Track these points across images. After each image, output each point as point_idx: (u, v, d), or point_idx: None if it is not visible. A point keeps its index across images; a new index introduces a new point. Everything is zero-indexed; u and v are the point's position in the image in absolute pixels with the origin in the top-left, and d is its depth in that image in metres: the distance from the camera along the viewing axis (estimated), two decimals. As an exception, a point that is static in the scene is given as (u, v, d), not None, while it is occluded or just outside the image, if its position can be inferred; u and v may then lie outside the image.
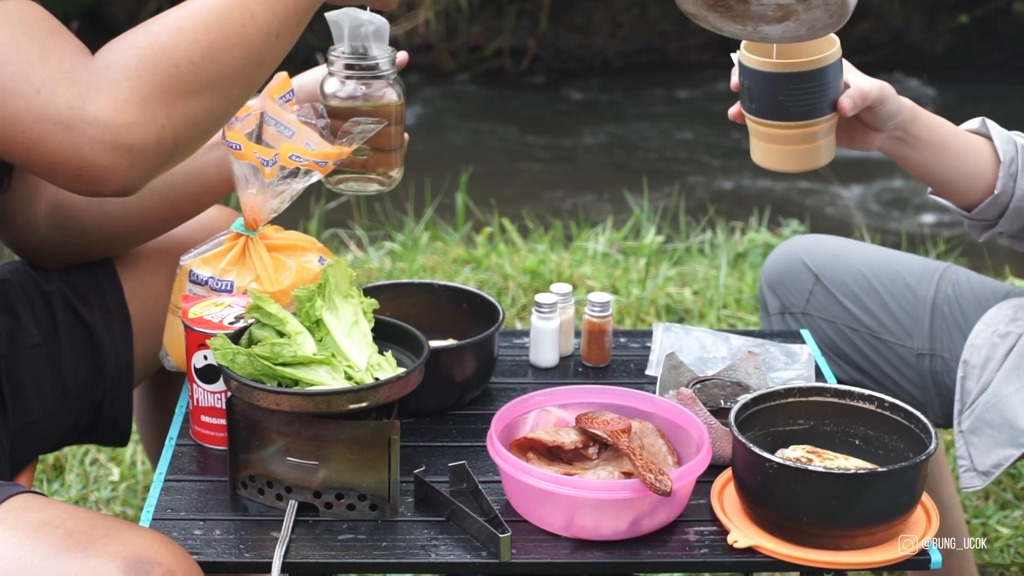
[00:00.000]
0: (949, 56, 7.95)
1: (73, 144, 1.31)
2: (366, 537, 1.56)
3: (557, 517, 1.55)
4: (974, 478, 1.93)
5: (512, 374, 1.98)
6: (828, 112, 1.71)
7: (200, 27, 1.37)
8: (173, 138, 1.36)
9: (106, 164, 1.32)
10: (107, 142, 1.31)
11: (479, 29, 7.76)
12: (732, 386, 1.80)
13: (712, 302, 3.60)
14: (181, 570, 1.37)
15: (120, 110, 1.32)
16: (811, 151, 1.73)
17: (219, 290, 1.78)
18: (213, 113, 1.40)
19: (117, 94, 1.32)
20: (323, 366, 1.58)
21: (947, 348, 2.11)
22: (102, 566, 1.34)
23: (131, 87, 1.32)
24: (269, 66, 1.45)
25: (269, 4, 1.42)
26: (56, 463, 2.89)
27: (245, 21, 1.40)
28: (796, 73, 1.67)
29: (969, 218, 1.95)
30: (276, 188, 1.77)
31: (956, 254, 4.18)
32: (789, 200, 5.75)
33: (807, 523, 1.50)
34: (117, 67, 1.33)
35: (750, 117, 1.74)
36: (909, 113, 1.82)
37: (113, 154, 1.32)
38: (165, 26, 1.37)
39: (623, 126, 7.08)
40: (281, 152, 1.73)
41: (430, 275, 3.76)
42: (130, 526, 1.41)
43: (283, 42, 1.44)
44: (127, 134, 1.32)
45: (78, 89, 1.31)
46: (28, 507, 1.42)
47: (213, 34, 1.38)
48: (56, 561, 1.35)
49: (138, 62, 1.34)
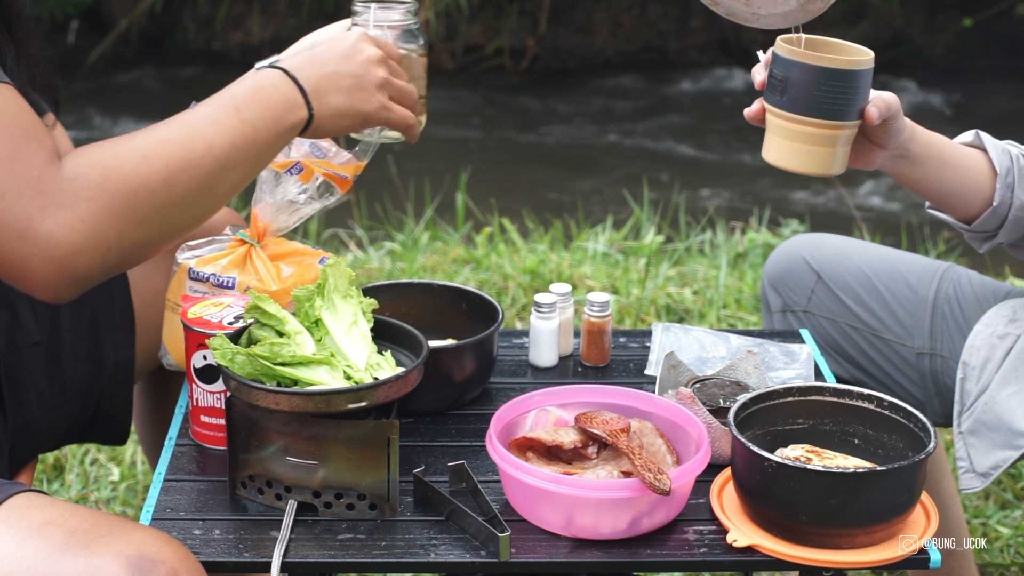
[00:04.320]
0: (949, 57, 7.96)
1: (22, 253, 1.36)
2: (365, 537, 1.56)
3: (556, 516, 1.55)
4: (973, 479, 1.94)
5: (511, 374, 1.98)
6: (855, 118, 1.72)
7: (163, 156, 1.43)
8: (116, 260, 1.41)
9: (47, 278, 1.38)
10: (55, 259, 1.37)
11: (479, 29, 7.76)
12: (731, 385, 1.80)
13: (712, 302, 3.59)
14: (184, 568, 1.37)
15: (75, 229, 1.36)
16: (829, 155, 1.74)
17: (221, 286, 1.78)
18: (160, 237, 1.45)
19: (75, 212, 1.37)
20: (322, 366, 1.58)
21: (947, 348, 2.11)
22: (106, 565, 1.34)
23: (89, 207, 1.37)
24: (221, 196, 1.49)
25: (227, 136, 1.47)
26: (56, 463, 2.89)
27: (204, 153, 1.45)
28: (835, 70, 1.68)
29: (969, 231, 1.95)
30: (292, 204, 1.78)
31: (956, 254, 4.18)
32: (789, 200, 5.75)
33: (806, 522, 1.50)
34: (80, 183, 1.38)
35: (776, 112, 1.73)
36: (909, 131, 1.82)
37: (57, 271, 1.38)
38: (131, 151, 1.42)
39: (623, 126, 7.08)
40: (304, 164, 1.75)
41: (430, 275, 3.76)
42: (133, 524, 1.41)
43: (239, 174, 1.49)
44: (74, 255, 1.37)
45: (40, 201, 1.36)
46: (30, 506, 1.42)
47: (174, 164, 1.43)
48: (59, 560, 1.35)
49: (101, 183, 1.38)
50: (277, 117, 1.51)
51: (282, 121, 1.52)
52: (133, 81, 7.56)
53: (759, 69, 1.78)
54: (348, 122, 1.59)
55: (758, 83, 1.78)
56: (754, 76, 1.78)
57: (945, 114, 7.22)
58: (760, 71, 1.77)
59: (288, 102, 1.52)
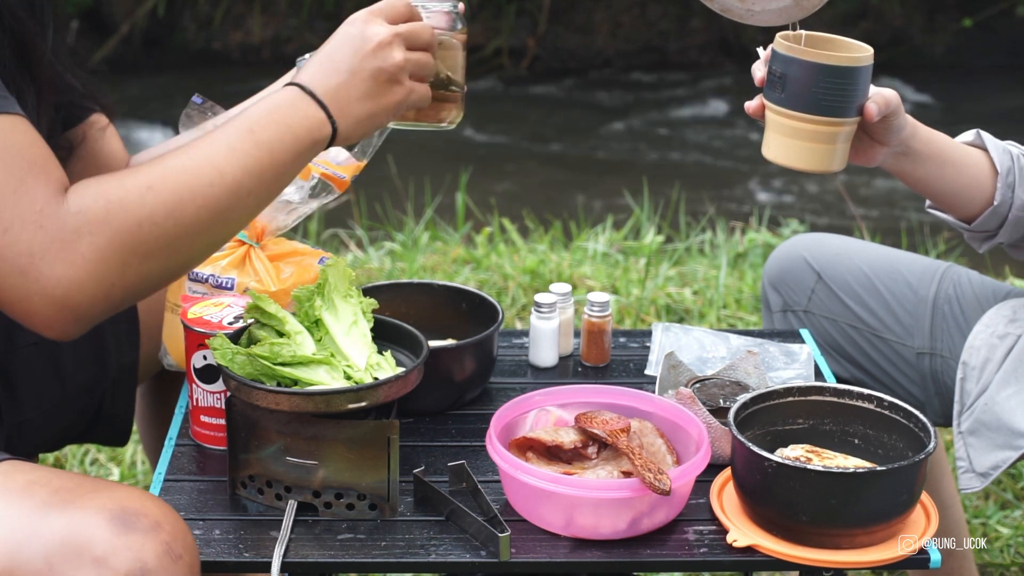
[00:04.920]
0: (949, 57, 7.96)
1: (24, 290, 1.34)
2: (365, 537, 1.56)
3: (556, 516, 1.55)
4: (972, 479, 1.94)
5: (511, 374, 1.98)
6: (854, 115, 1.72)
7: (169, 187, 1.38)
8: (121, 296, 1.38)
9: (49, 316, 1.35)
10: (56, 297, 1.33)
11: (478, 29, 7.76)
12: (731, 385, 1.80)
13: (712, 302, 3.59)
14: (168, 522, 1.37)
15: (77, 265, 1.33)
16: (829, 152, 1.74)
17: (220, 287, 1.78)
18: (168, 271, 1.41)
19: (78, 248, 1.33)
20: (322, 366, 1.58)
21: (947, 347, 2.11)
22: (88, 517, 1.34)
23: (92, 242, 1.34)
24: (237, 223, 1.44)
25: (240, 161, 1.41)
26: (56, 463, 2.89)
27: (214, 180, 1.40)
28: (833, 67, 1.68)
29: (969, 230, 1.95)
30: (289, 204, 1.77)
31: (956, 253, 4.18)
32: (789, 200, 5.75)
33: (806, 522, 1.50)
34: (84, 216, 1.34)
35: (775, 108, 1.73)
36: (911, 128, 1.82)
37: (59, 310, 1.34)
38: (137, 182, 1.37)
39: (623, 126, 7.08)
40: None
41: (430, 275, 3.76)
42: (118, 484, 1.42)
43: (255, 199, 1.44)
44: (76, 293, 1.34)
45: (43, 237, 1.33)
46: (15, 470, 1.43)
47: (180, 194, 1.38)
48: (43, 517, 1.36)
49: (104, 216, 1.34)
50: (297, 137, 1.45)
51: (302, 140, 1.45)
52: (133, 81, 7.56)
53: (759, 65, 1.78)
54: (374, 123, 1.52)
55: (758, 79, 1.78)
56: (754, 72, 1.78)
57: (945, 114, 7.22)
58: (760, 67, 1.77)
59: (309, 120, 1.46)
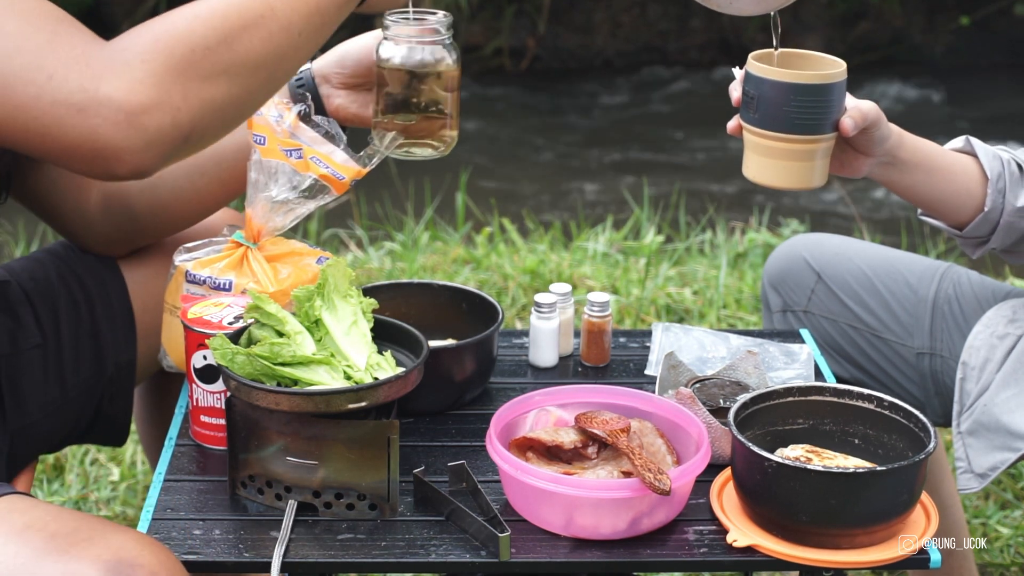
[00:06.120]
0: (949, 56, 7.96)
1: (87, 126, 1.29)
2: (365, 537, 1.56)
3: (556, 516, 1.55)
4: (971, 480, 1.94)
5: (511, 374, 1.98)
6: (829, 131, 1.72)
7: (218, 15, 1.36)
8: (189, 121, 1.33)
9: (120, 145, 1.30)
10: (121, 122, 1.29)
11: (478, 29, 7.76)
12: (731, 385, 1.80)
13: (712, 302, 3.59)
14: (164, 571, 1.36)
15: (135, 91, 1.30)
16: (807, 169, 1.74)
17: (218, 288, 1.78)
18: (231, 101, 1.38)
19: (132, 75, 1.30)
20: (322, 366, 1.58)
21: (947, 347, 2.11)
22: (83, 570, 1.33)
23: (146, 68, 1.30)
24: (292, 61, 1.43)
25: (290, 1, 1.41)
26: (56, 463, 2.89)
27: (264, 13, 1.38)
28: (804, 85, 1.68)
29: (961, 236, 1.95)
30: (286, 204, 1.77)
31: (956, 254, 4.18)
32: (789, 200, 5.75)
33: (806, 522, 1.50)
34: (132, 50, 1.31)
35: (751, 129, 1.74)
36: (896, 138, 1.82)
37: (128, 134, 1.30)
38: (182, 14, 1.36)
39: (623, 126, 7.09)
40: (305, 151, 1.74)
41: (430, 275, 3.76)
42: (115, 528, 1.40)
43: (305, 39, 1.43)
44: (141, 114, 1.30)
45: (91, 72, 1.30)
46: (12, 509, 1.41)
47: (231, 22, 1.36)
48: (38, 564, 1.35)
49: (153, 45, 1.32)
50: None
51: None
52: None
53: (735, 86, 1.78)
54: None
55: (734, 100, 1.78)
56: (731, 93, 1.79)
57: (944, 113, 7.22)
58: (736, 88, 1.77)
59: None
